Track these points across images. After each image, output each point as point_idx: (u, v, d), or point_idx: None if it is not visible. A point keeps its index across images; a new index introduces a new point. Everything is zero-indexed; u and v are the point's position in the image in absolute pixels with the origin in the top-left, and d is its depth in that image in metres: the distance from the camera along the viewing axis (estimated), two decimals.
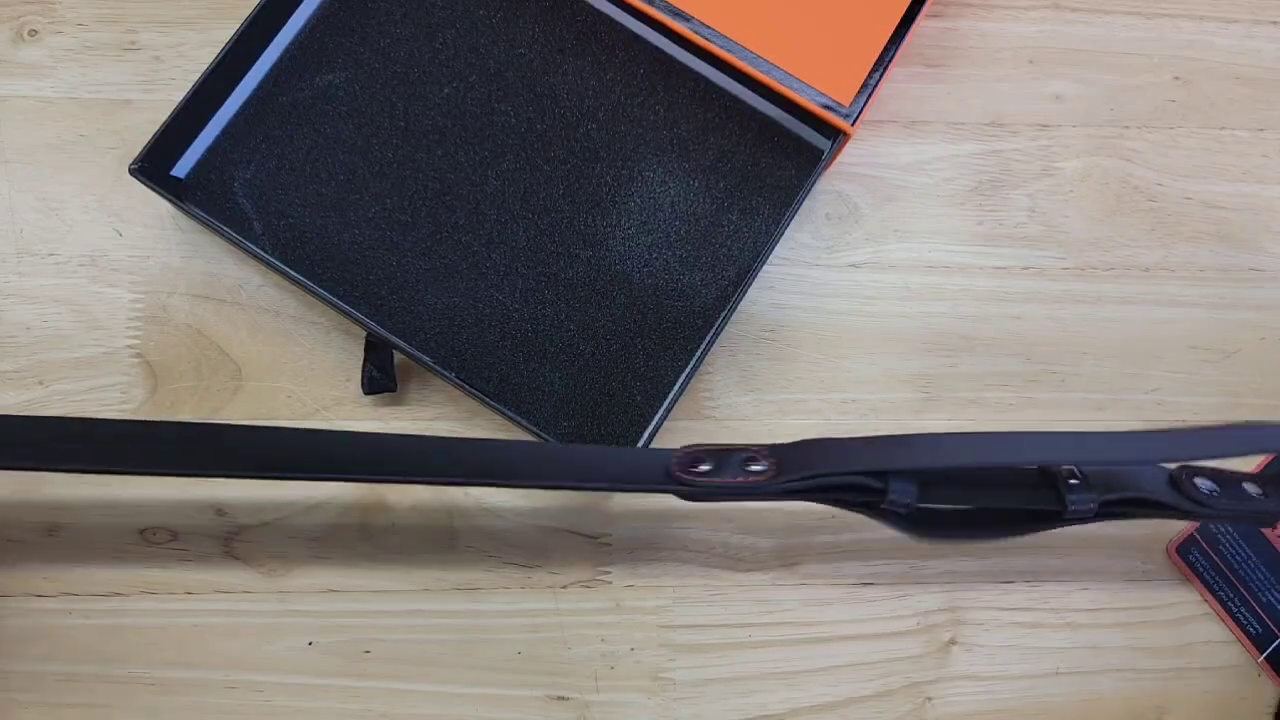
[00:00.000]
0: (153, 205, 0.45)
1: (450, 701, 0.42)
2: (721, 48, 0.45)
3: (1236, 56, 0.51)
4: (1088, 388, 0.46)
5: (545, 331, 0.44)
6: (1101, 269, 0.48)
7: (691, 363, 0.43)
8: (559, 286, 0.45)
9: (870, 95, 0.44)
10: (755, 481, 0.34)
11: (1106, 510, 0.35)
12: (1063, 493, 0.35)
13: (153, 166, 0.43)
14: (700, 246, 0.45)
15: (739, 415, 0.45)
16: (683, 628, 0.43)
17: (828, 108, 0.44)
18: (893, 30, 0.45)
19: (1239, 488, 0.36)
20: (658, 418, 0.42)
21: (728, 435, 0.45)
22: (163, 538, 0.42)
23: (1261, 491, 0.36)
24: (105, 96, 0.47)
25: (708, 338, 0.43)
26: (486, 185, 0.45)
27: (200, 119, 0.45)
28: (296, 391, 0.44)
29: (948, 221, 0.48)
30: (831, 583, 0.44)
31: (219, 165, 0.45)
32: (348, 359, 0.45)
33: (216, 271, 0.45)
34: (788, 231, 0.46)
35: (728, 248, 0.45)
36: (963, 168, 0.48)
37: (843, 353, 0.46)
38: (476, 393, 0.41)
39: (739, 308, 0.45)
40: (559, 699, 0.42)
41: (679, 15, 0.45)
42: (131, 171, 0.42)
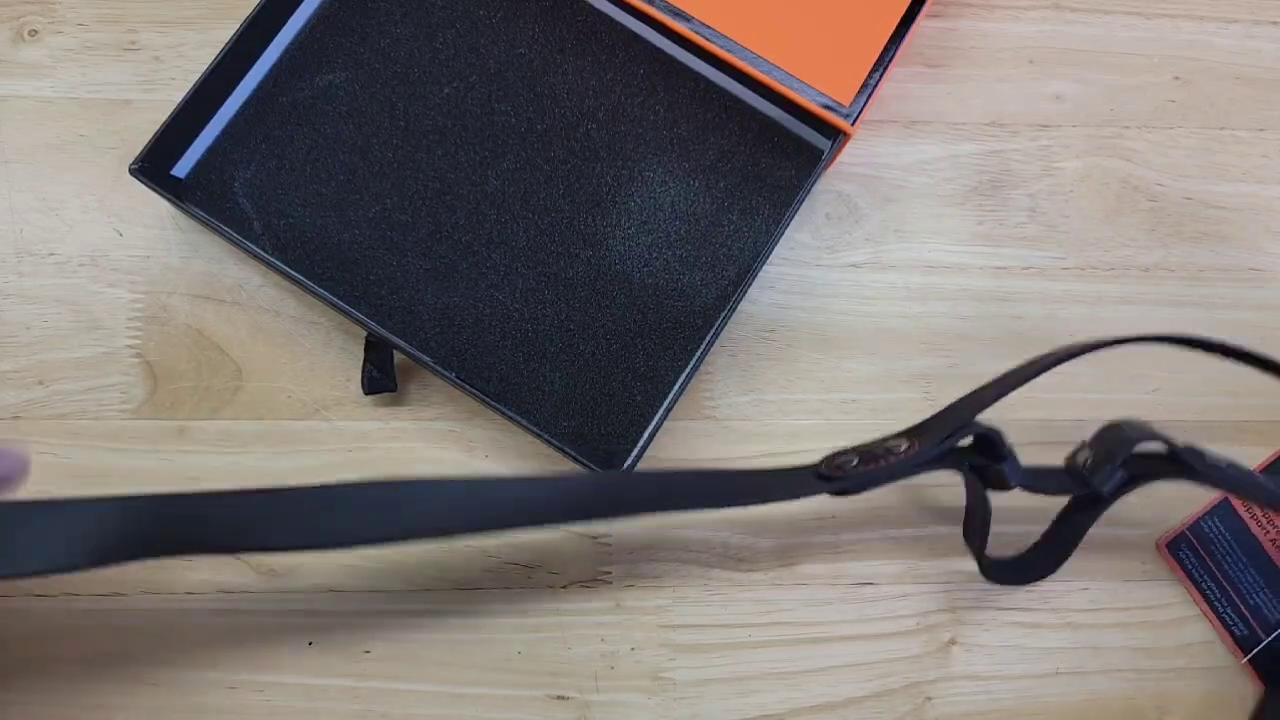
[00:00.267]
0: (153, 205, 0.45)
1: (450, 701, 0.42)
2: (721, 48, 0.45)
3: (1236, 56, 0.51)
4: (1088, 388, 0.46)
5: (545, 331, 0.44)
6: (1101, 269, 0.48)
7: (691, 363, 0.43)
8: (559, 286, 0.45)
9: (870, 95, 0.44)
10: (900, 459, 0.37)
11: (1135, 475, 0.38)
12: (1088, 479, 0.38)
13: (153, 166, 0.43)
14: (700, 246, 0.45)
15: (739, 415, 0.45)
16: (683, 628, 0.43)
17: (828, 108, 0.44)
18: (893, 30, 0.45)
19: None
20: (658, 418, 0.42)
21: (728, 435, 0.45)
22: None
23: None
24: (105, 96, 0.47)
25: (708, 338, 0.43)
26: (486, 185, 0.45)
27: (200, 119, 0.45)
28: (296, 391, 0.44)
29: (948, 221, 0.48)
30: (831, 583, 0.44)
31: (219, 165, 0.45)
32: (348, 359, 0.45)
33: (216, 271, 0.45)
34: (788, 231, 0.46)
35: (728, 248, 0.45)
36: (963, 168, 0.49)
37: (843, 353, 0.46)
38: (476, 393, 0.41)
39: (739, 308, 0.44)
40: (559, 699, 0.42)
41: (679, 15, 0.45)
42: (131, 171, 0.42)
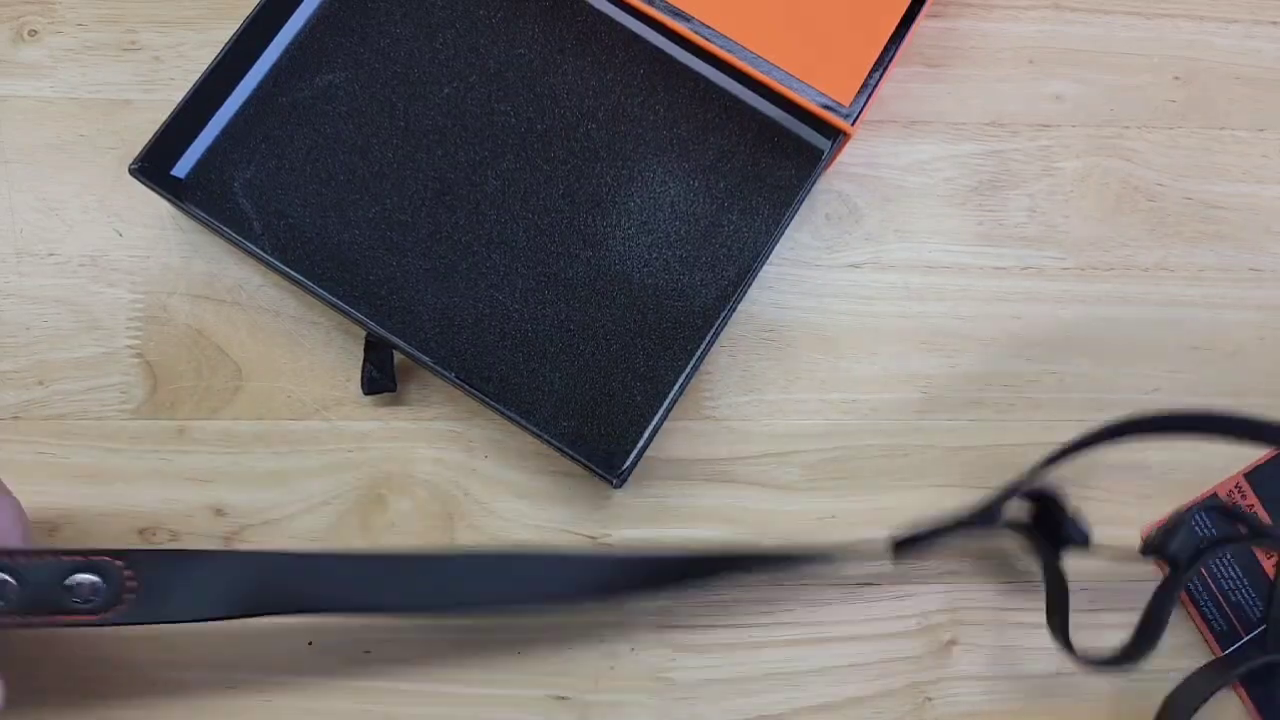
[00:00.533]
0: (153, 205, 0.45)
1: (450, 701, 0.42)
2: (721, 48, 0.45)
3: (1236, 56, 0.51)
4: (1088, 388, 0.46)
5: (545, 331, 0.44)
6: (1101, 269, 0.48)
7: (691, 363, 0.43)
8: (559, 286, 0.45)
9: (870, 95, 0.44)
10: (963, 517, 0.41)
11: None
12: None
13: (153, 166, 0.43)
14: (700, 246, 0.45)
15: (739, 415, 0.45)
16: (683, 628, 0.43)
17: (828, 108, 0.44)
18: (893, 30, 0.45)
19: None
20: (658, 418, 0.42)
21: (728, 435, 0.45)
22: (163, 538, 0.42)
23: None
24: (105, 96, 0.47)
25: (708, 338, 0.43)
26: (486, 185, 0.45)
27: (200, 119, 0.45)
28: (296, 391, 0.44)
29: (947, 221, 0.48)
30: (831, 583, 0.44)
31: (219, 165, 0.45)
32: (348, 359, 0.45)
33: (216, 271, 0.45)
34: (788, 231, 0.46)
35: (728, 248, 0.45)
36: (962, 168, 0.49)
37: (843, 353, 0.46)
38: (476, 393, 0.41)
39: (739, 308, 0.44)
40: (559, 699, 0.42)
41: (679, 15, 0.45)
42: (131, 171, 0.42)
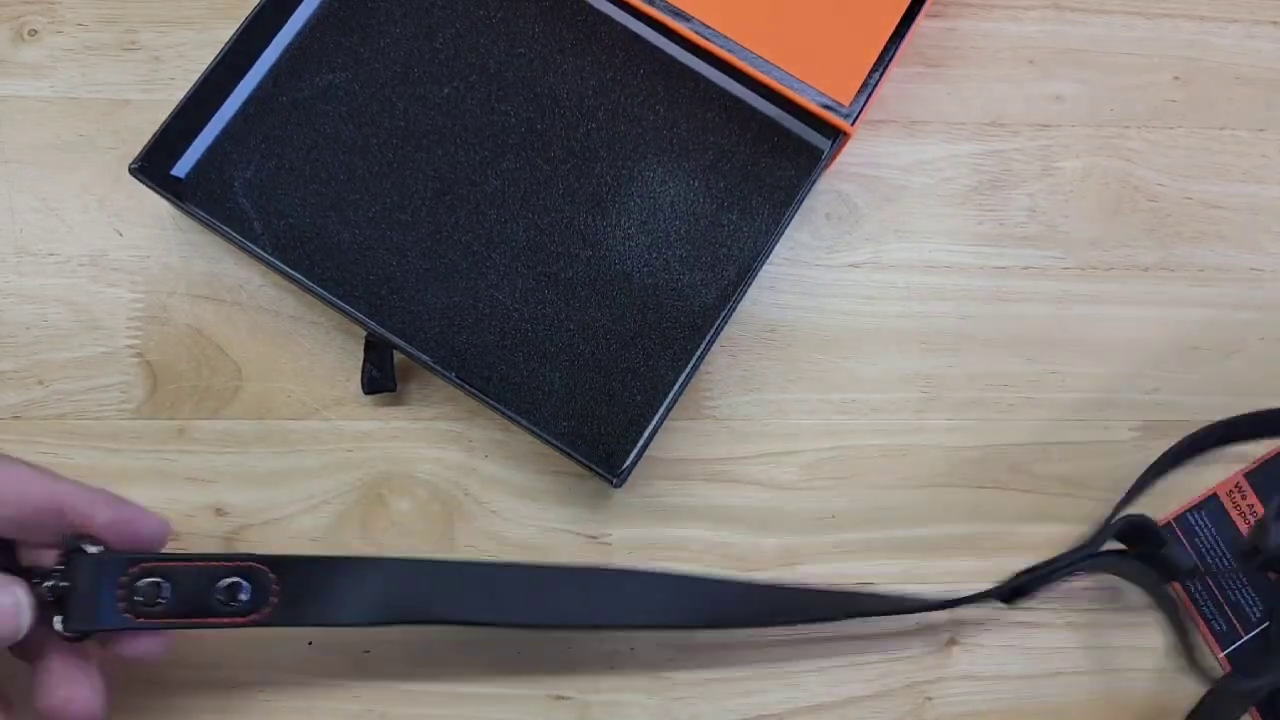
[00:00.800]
0: (153, 205, 0.45)
1: (450, 701, 0.42)
2: (721, 48, 0.45)
3: (1236, 56, 0.51)
4: (1088, 388, 0.46)
5: (545, 331, 0.44)
6: (1101, 269, 0.48)
7: (691, 363, 0.43)
8: (559, 286, 0.45)
9: (870, 95, 0.44)
10: (1071, 556, 0.42)
11: None
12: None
13: (153, 166, 0.43)
14: (700, 246, 0.45)
15: (739, 415, 0.45)
16: (682, 627, 0.43)
17: (828, 108, 0.44)
18: (893, 30, 0.45)
19: None
20: (658, 418, 0.42)
21: (728, 435, 0.45)
22: None
23: None
24: (105, 96, 0.47)
25: (708, 338, 0.43)
26: (486, 185, 0.45)
27: (200, 119, 0.45)
28: (296, 391, 0.44)
29: (948, 221, 0.48)
30: (831, 583, 0.44)
31: (219, 165, 0.45)
32: (348, 359, 0.45)
33: (216, 271, 0.45)
34: (788, 231, 0.46)
35: (728, 248, 0.45)
36: (963, 167, 0.48)
37: (843, 353, 0.46)
38: (476, 393, 0.41)
39: (739, 308, 0.44)
40: (559, 699, 0.42)
41: (679, 15, 0.45)
42: (131, 171, 0.42)
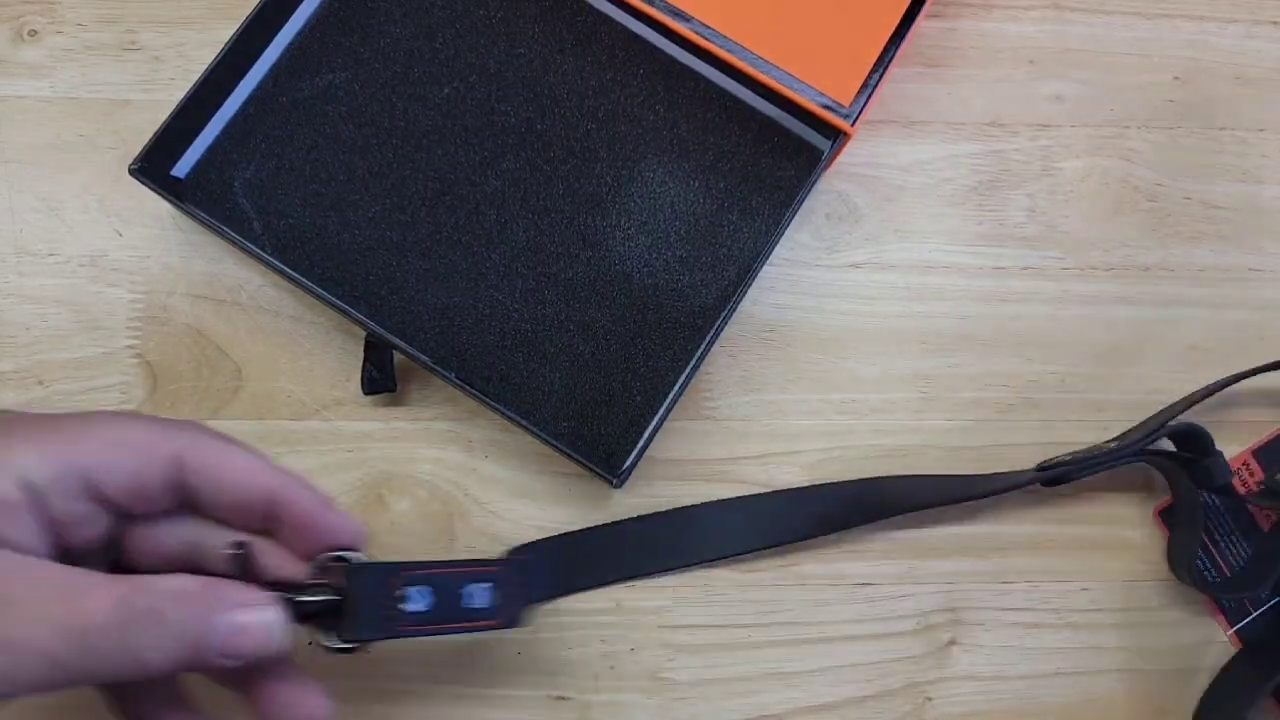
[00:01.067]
0: (153, 205, 0.45)
1: (450, 701, 0.42)
2: (721, 48, 0.45)
3: (1236, 56, 0.51)
4: (1088, 388, 0.46)
5: (545, 331, 0.44)
6: (1101, 269, 0.48)
7: (691, 363, 0.43)
8: (559, 286, 0.45)
9: (870, 95, 0.44)
10: (1109, 449, 0.43)
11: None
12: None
13: (153, 166, 0.43)
14: (700, 246, 0.45)
15: (739, 415, 0.45)
16: (683, 628, 0.43)
17: (828, 108, 0.44)
18: (893, 30, 0.45)
19: None
20: (658, 418, 0.42)
21: (728, 435, 0.45)
22: None
23: None
24: (105, 96, 0.47)
25: (708, 338, 0.43)
26: (486, 185, 0.45)
27: (200, 119, 0.45)
28: (296, 391, 0.44)
29: (947, 221, 0.48)
30: (831, 583, 0.44)
31: (219, 165, 0.45)
32: (348, 359, 0.45)
33: (216, 271, 0.45)
34: (788, 231, 0.46)
35: (728, 248, 0.45)
36: (962, 168, 0.48)
37: (843, 353, 0.46)
38: (476, 393, 0.41)
39: (739, 308, 0.44)
40: (559, 699, 0.42)
41: (679, 15, 0.45)
42: (131, 171, 0.42)
